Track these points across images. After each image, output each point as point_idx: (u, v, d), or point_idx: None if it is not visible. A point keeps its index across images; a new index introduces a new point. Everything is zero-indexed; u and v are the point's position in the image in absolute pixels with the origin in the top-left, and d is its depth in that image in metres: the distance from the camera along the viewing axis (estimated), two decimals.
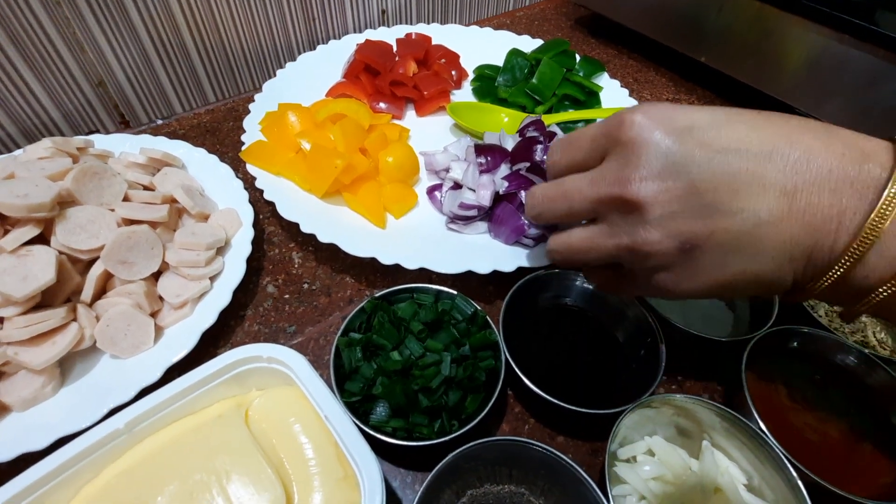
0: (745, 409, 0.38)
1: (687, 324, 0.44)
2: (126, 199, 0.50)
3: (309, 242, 0.56)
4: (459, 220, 0.55)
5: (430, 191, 0.59)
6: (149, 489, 0.30)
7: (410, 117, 0.71)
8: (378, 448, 0.39)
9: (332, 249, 0.51)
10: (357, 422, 0.36)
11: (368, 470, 0.30)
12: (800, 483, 0.34)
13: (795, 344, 0.44)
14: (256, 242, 0.55)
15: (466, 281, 0.52)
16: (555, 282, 0.48)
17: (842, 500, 0.35)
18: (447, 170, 0.58)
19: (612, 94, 0.72)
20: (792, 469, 0.35)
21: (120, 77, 0.69)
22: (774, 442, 0.36)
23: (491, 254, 0.51)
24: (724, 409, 0.38)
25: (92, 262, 0.46)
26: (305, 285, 0.52)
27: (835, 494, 0.35)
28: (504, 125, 0.68)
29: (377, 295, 0.44)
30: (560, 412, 0.39)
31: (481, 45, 0.80)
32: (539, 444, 0.36)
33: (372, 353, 0.40)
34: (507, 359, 0.40)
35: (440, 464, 0.34)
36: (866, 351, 0.42)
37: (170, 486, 0.30)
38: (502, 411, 0.44)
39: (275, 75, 0.70)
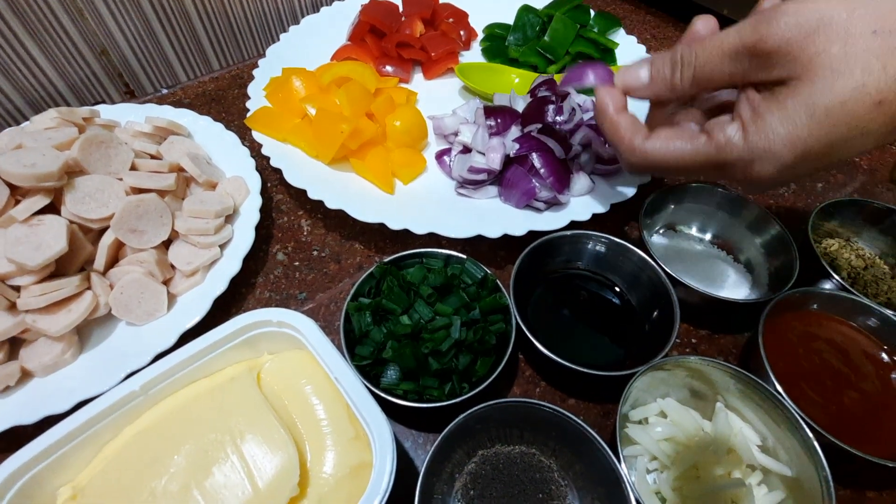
0: (761, 372, 0.38)
1: (703, 286, 0.43)
2: (133, 167, 0.50)
3: (317, 210, 0.56)
4: (469, 184, 0.53)
5: (439, 155, 0.58)
6: (166, 448, 0.31)
7: (418, 80, 0.69)
8: (389, 410, 0.40)
9: (341, 216, 0.50)
10: (368, 384, 0.36)
11: (379, 429, 0.30)
12: (815, 443, 0.34)
13: (815, 305, 0.42)
14: (265, 210, 0.55)
15: (476, 246, 0.51)
16: (566, 246, 0.47)
17: (859, 461, 0.34)
18: (456, 133, 0.57)
19: (629, 50, 0.69)
20: (807, 429, 0.34)
21: (123, 46, 0.68)
22: (790, 402, 0.35)
23: (501, 218, 0.50)
24: (738, 371, 0.37)
25: (103, 231, 0.46)
26: (315, 252, 0.52)
27: (852, 455, 0.34)
28: (515, 86, 0.65)
29: (386, 260, 0.43)
30: (571, 375, 0.39)
31: (491, 2, 0.76)
32: (549, 405, 0.36)
33: (381, 317, 0.40)
34: (517, 322, 0.40)
35: (450, 425, 0.34)
36: (889, 312, 0.41)
37: (186, 445, 0.31)
38: (513, 375, 0.44)
39: (278, 40, 0.68)
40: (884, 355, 0.41)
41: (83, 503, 0.29)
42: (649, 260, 0.44)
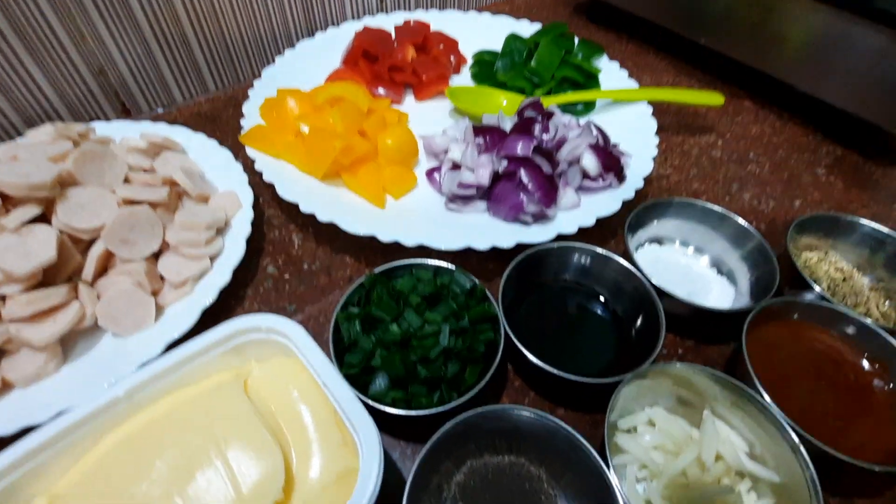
0: (746, 379, 0.38)
1: (688, 297, 0.44)
2: (127, 181, 0.51)
3: (308, 224, 0.56)
4: (458, 199, 0.55)
5: (430, 173, 0.59)
6: (148, 455, 0.30)
7: (410, 103, 0.71)
8: (378, 420, 0.39)
9: (332, 231, 0.51)
10: (357, 393, 0.36)
11: (367, 435, 0.30)
12: (801, 448, 0.34)
13: (796, 315, 0.43)
14: (257, 225, 0.56)
15: (465, 259, 0.51)
16: (553, 258, 0.48)
17: (846, 467, 0.35)
18: (446, 151, 0.58)
19: (612, 76, 0.71)
20: (794, 434, 0.35)
21: (120, 65, 0.70)
22: (776, 408, 0.36)
23: (490, 231, 0.51)
24: (724, 377, 0.37)
25: (93, 242, 0.46)
26: (305, 265, 0.52)
27: (839, 461, 0.35)
28: (503, 108, 0.68)
29: (376, 270, 0.44)
30: (558, 383, 0.39)
31: (480, 31, 0.80)
32: (538, 411, 0.36)
33: (371, 326, 0.40)
34: (505, 331, 0.40)
35: (437, 432, 0.34)
36: (868, 321, 0.42)
37: (169, 452, 0.30)
38: (502, 386, 0.44)
39: (274, 62, 0.70)
40: (865, 363, 0.42)
41: None
42: (634, 271, 0.45)
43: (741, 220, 0.49)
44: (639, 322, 0.44)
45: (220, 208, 0.52)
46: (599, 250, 0.46)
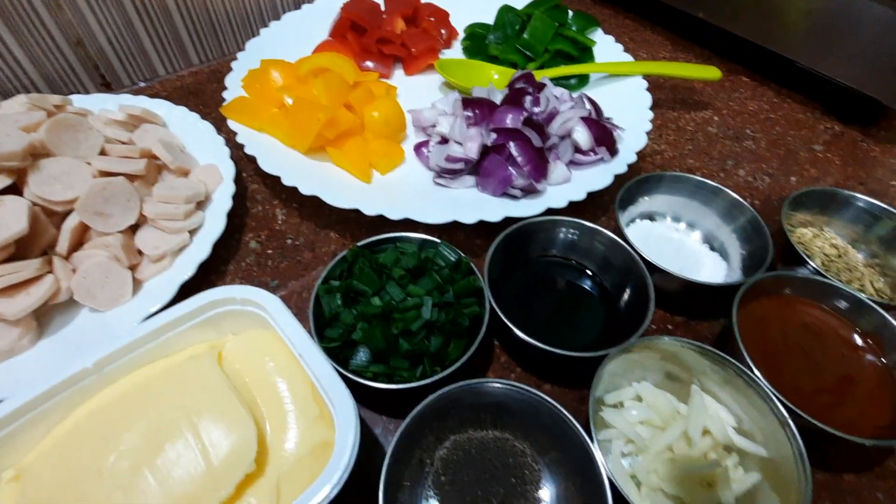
0: (736, 353, 0.37)
1: (679, 271, 0.43)
2: (103, 153, 0.49)
3: (293, 199, 0.55)
4: (447, 173, 0.53)
5: (418, 147, 0.58)
6: (118, 426, 0.29)
7: (399, 76, 0.69)
8: (360, 394, 0.38)
9: (316, 205, 0.50)
10: (336, 366, 0.35)
11: (343, 407, 0.29)
12: (790, 422, 0.33)
13: (788, 290, 0.42)
14: (239, 199, 0.54)
15: (453, 234, 0.50)
16: (542, 232, 0.47)
17: (836, 441, 0.34)
18: (434, 125, 0.57)
19: (607, 49, 0.70)
20: (782, 409, 0.34)
21: (99, 36, 0.67)
22: (765, 383, 0.35)
23: (478, 206, 0.49)
24: (712, 351, 0.36)
25: (68, 214, 0.45)
26: (289, 241, 0.51)
27: (828, 435, 0.34)
28: (494, 81, 0.66)
29: (359, 244, 0.43)
30: (544, 358, 0.38)
31: (472, 3, 0.77)
32: (523, 386, 0.35)
33: (352, 300, 0.39)
34: (491, 305, 0.39)
35: (419, 406, 0.33)
36: (862, 295, 0.41)
37: (139, 425, 0.29)
38: (488, 362, 0.43)
39: (259, 35, 0.68)
40: (856, 337, 0.41)
41: (27, 483, 0.28)
42: (624, 245, 0.44)
43: (734, 194, 0.48)
44: (627, 296, 0.44)
45: (201, 182, 0.51)
46: (587, 224, 0.45)
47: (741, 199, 0.47)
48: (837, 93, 0.66)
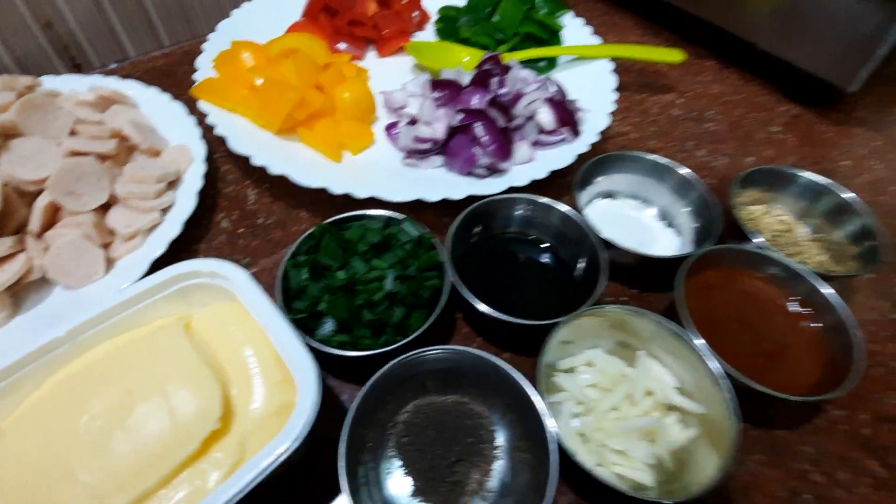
0: (681, 321, 0.40)
1: (636, 247, 0.45)
2: (74, 133, 0.50)
3: (264, 179, 0.56)
4: (415, 154, 0.55)
5: (389, 128, 0.59)
6: (90, 393, 0.31)
7: (372, 59, 0.70)
8: (328, 363, 0.41)
9: (288, 185, 0.51)
10: (303, 335, 0.37)
11: (304, 371, 0.31)
12: (723, 381, 0.36)
13: (731, 262, 0.45)
14: (211, 180, 0.55)
15: (422, 212, 0.52)
16: (504, 209, 0.48)
17: (772, 400, 0.37)
18: (404, 107, 0.58)
19: (576, 32, 0.71)
20: (717, 369, 0.37)
21: (69, 18, 0.67)
22: (703, 345, 0.38)
23: (444, 185, 0.51)
24: (655, 317, 0.39)
25: (39, 194, 0.46)
26: (260, 220, 0.52)
27: (764, 395, 0.37)
28: (464, 64, 0.67)
29: (327, 221, 0.44)
30: (501, 327, 0.40)
31: None
32: (478, 352, 0.37)
33: (319, 273, 0.41)
34: (452, 278, 0.41)
35: (379, 371, 0.35)
36: (796, 265, 0.43)
37: (110, 390, 0.31)
38: (451, 333, 0.45)
39: (230, 16, 0.68)
40: (794, 305, 0.44)
41: (4, 444, 0.29)
42: (579, 221, 0.46)
43: (685, 171, 0.50)
44: (582, 269, 0.46)
45: (172, 162, 0.52)
46: (544, 200, 0.47)
47: (692, 177, 0.50)
48: (797, 77, 0.68)
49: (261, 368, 0.33)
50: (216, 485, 0.27)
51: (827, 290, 0.42)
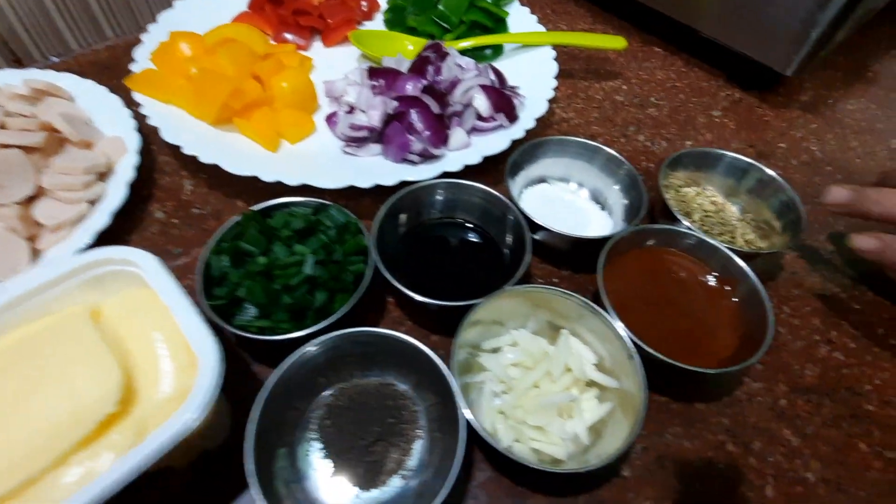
0: (600, 300, 0.41)
1: (569, 230, 0.45)
2: (3, 126, 0.49)
3: (202, 170, 0.55)
4: (353, 141, 0.55)
5: (329, 118, 0.59)
6: None
7: (318, 49, 0.70)
8: (255, 352, 0.41)
9: (225, 176, 0.50)
10: (222, 323, 0.37)
11: (206, 353, 0.31)
12: (636, 355, 0.37)
13: (653, 241, 0.46)
14: (146, 171, 0.55)
15: (360, 200, 0.52)
16: (436, 195, 0.49)
17: (688, 373, 0.38)
18: (345, 95, 0.58)
19: (522, 20, 0.71)
20: (630, 344, 0.37)
21: (8, 13, 0.66)
22: (618, 322, 0.38)
23: (379, 172, 0.51)
24: (574, 296, 0.40)
25: None
26: (196, 210, 0.52)
27: (684, 369, 0.37)
28: (408, 52, 0.67)
29: (252, 208, 0.44)
30: (424, 310, 0.41)
31: None
32: (396, 333, 0.37)
33: (241, 260, 0.41)
34: (376, 262, 0.41)
35: (294, 353, 0.36)
36: (714, 241, 0.44)
37: (12, 378, 0.31)
38: (380, 317, 0.45)
39: (172, 7, 0.67)
40: (713, 281, 0.45)
41: None
42: (510, 204, 0.46)
43: (611, 151, 0.51)
44: (511, 251, 0.46)
45: (103, 153, 0.51)
46: (478, 185, 0.47)
47: (618, 156, 0.51)
48: (738, 62, 0.70)
49: (170, 353, 0.33)
50: (110, 465, 0.27)
51: (742, 265, 0.43)
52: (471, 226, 0.49)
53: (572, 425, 0.37)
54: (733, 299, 0.44)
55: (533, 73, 0.64)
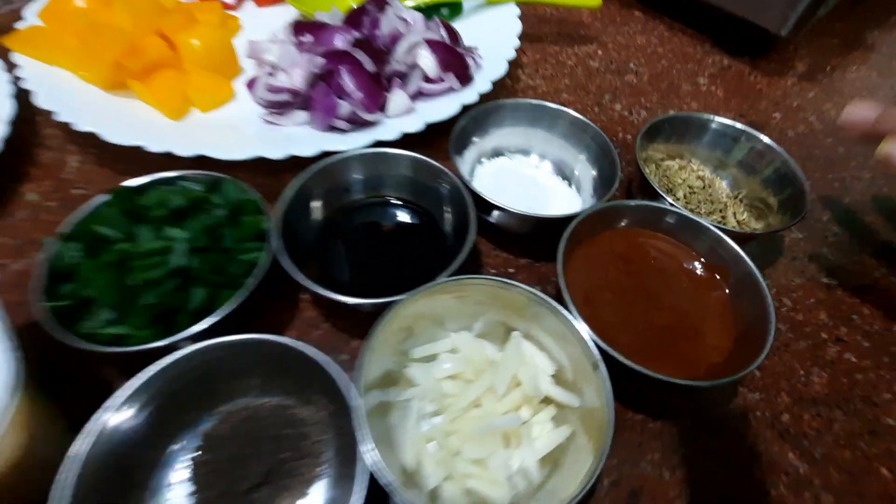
0: (562, 294, 0.32)
1: (530, 209, 0.37)
2: None
3: (92, 144, 0.46)
4: (273, 108, 0.46)
5: (251, 83, 0.49)
6: None
7: (251, 8, 0.61)
8: (129, 365, 0.32)
9: (118, 151, 0.42)
10: (58, 330, 0.28)
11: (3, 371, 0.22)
12: (601, 365, 0.29)
13: (626, 221, 0.38)
14: (22, 146, 0.45)
15: (283, 177, 0.43)
16: (364, 168, 0.40)
17: (660, 384, 0.30)
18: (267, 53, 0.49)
19: None
20: (593, 346, 0.29)
21: None
22: (582, 324, 0.30)
23: (297, 141, 0.42)
24: (527, 290, 0.31)
25: None
26: (77, 190, 0.43)
27: (650, 378, 0.29)
28: (344, 5, 0.58)
29: (128, 183, 0.35)
30: (343, 309, 0.32)
31: None
32: (302, 343, 0.29)
33: (98, 249, 0.32)
34: (275, 250, 0.32)
35: (153, 366, 0.27)
36: (704, 220, 0.36)
37: None
38: (290, 318, 0.37)
39: None
40: (698, 266, 0.37)
41: None
42: (448, 172, 0.38)
43: (574, 113, 0.42)
44: (454, 232, 0.38)
45: None
46: (394, 151, 0.39)
47: (584, 119, 0.42)
48: (727, 24, 0.62)
49: None
50: None
51: (735, 248, 0.35)
52: (402, 204, 0.41)
53: (520, 457, 0.29)
54: (725, 290, 0.35)
55: (494, 34, 0.55)
